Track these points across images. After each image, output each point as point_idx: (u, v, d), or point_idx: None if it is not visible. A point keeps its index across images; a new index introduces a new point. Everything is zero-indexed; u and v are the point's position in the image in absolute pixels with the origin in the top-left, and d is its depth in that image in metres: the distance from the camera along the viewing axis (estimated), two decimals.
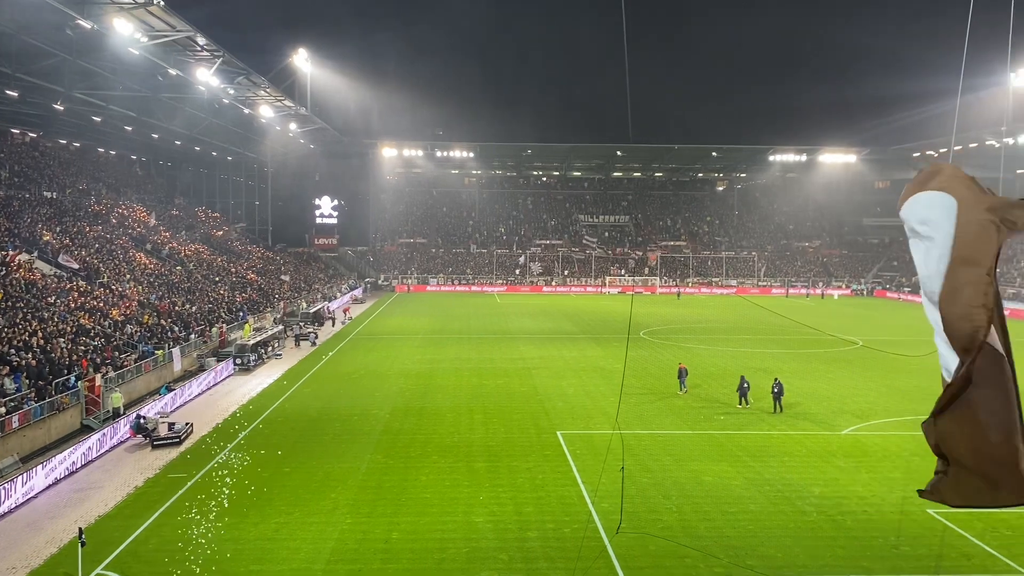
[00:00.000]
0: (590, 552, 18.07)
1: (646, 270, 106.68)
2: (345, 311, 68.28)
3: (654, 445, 27.46)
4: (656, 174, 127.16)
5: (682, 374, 36.70)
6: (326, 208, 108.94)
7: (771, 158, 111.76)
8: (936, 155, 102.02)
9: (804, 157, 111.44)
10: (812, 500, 21.96)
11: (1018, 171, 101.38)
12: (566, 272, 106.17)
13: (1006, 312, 5.30)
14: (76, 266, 46.30)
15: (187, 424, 29.09)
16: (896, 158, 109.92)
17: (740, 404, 33.45)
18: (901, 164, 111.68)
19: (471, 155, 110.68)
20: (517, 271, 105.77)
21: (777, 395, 32.55)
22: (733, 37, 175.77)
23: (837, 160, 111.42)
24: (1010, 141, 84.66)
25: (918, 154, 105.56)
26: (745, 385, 33.67)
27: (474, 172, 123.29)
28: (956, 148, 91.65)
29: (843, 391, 37.14)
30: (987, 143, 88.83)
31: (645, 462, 25.34)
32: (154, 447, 27.20)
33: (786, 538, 19.23)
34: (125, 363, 35.18)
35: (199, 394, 36.41)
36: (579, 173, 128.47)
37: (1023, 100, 75.22)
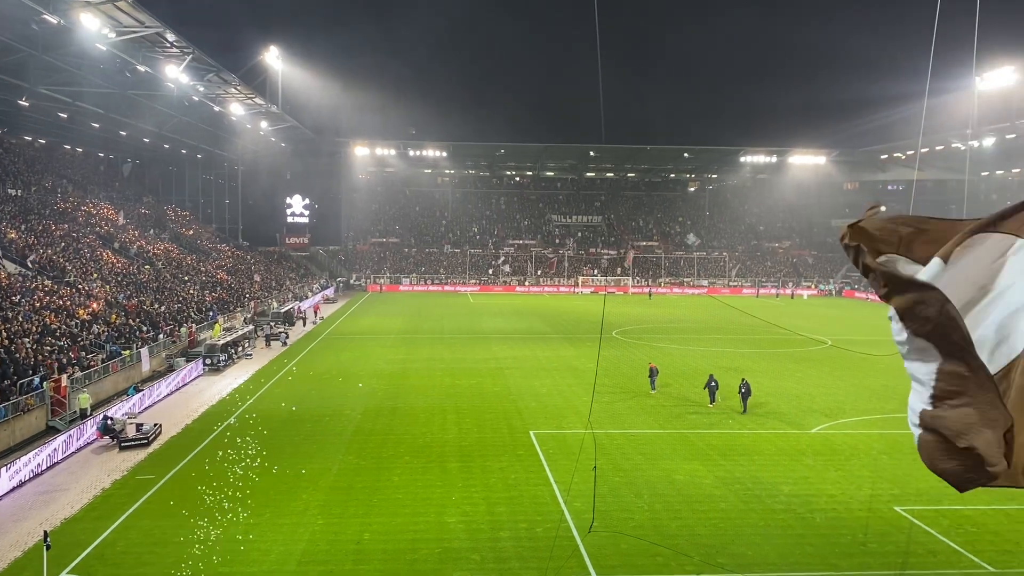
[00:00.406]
0: (562, 552, 18.11)
1: (619, 270, 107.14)
2: (316, 309, 67.82)
3: (626, 444, 27.58)
4: (629, 175, 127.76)
5: (653, 373, 36.89)
6: (297, 207, 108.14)
7: (742, 159, 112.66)
8: (903, 157, 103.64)
9: (774, 158, 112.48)
10: (782, 498, 22.18)
11: (983, 173, 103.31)
12: (539, 272, 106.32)
13: None
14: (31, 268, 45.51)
15: (156, 425, 28.72)
16: (865, 160, 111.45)
17: (711, 403, 33.77)
18: (869, 166, 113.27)
19: (444, 155, 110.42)
20: (490, 271, 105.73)
21: (744, 395, 32.76)
22: (706, 40, 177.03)
23: (807, 162, 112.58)
24: (975, 144, 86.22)
25: (886, 156, 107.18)
26: (713, 383, 33.98)
27: (447, 172, 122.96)
28: (923, 150, 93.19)
29: (812, 390, 37.55)
30: (953, 146, 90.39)
31: (617, 461, 25.44)
32: (122, 448, 26.83)
33: (756, 536, 19.40)
34: (92, 363, 34.68)
35: (168, 394, 35.98)
36: (552, 173, 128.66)
37: (988, 104, 76.55)
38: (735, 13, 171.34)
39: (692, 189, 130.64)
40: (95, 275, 49.33)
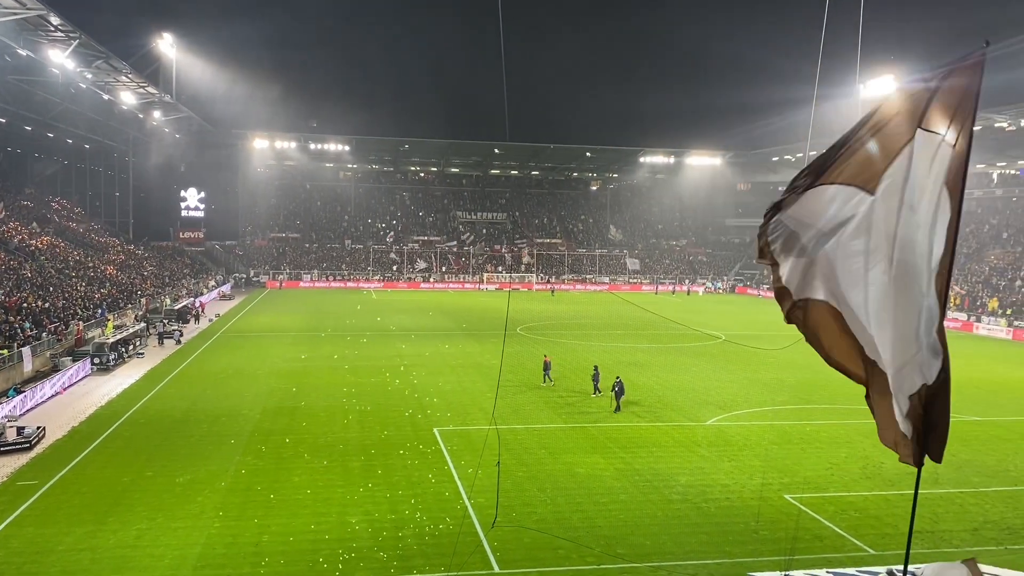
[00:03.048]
0: (466, 547, 18.17)
1: (523, 267, 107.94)
2: (201, 306, 64.99)
3: (530, 439, 27.86)
4: (533, 173, 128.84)
5: (547, 367, 37.57)
6: (192, 200, 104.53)
7: (642, 160, 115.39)
8: (793, 159, 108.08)
9: (672, 159, 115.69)
10: (679, 489, 22.86)
11: None
12: (444, 268, 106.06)
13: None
14: None
15: (39, 428, 27.29)
16: (757, 161, 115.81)
17: (594, 393, 34.77)
18: (761, 167, 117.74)
19: (346, 149, 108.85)
20: (394, 268, 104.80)
21: (618, 393, 32.45)
22: (608, 41, 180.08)
23: (703, 163, 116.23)
24: None
25: (777, 158, 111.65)
26: (595, 375, 35.19)
27: (350, 166, 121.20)
28: (811, 153, 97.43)
29: (707, 383, 38.79)
30: None
31: (521, 456, 25.68)
32: (0, 453, 25.39)
33: (654, 526, 19.93)
34: None
35: (52, 396, 34.21)
36: (457, 170, 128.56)
37: (870, 109, 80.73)
38: (636, 16, 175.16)
39: (594, 188, 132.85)
40: None
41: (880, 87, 74.05)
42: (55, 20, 44.97)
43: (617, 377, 33.58)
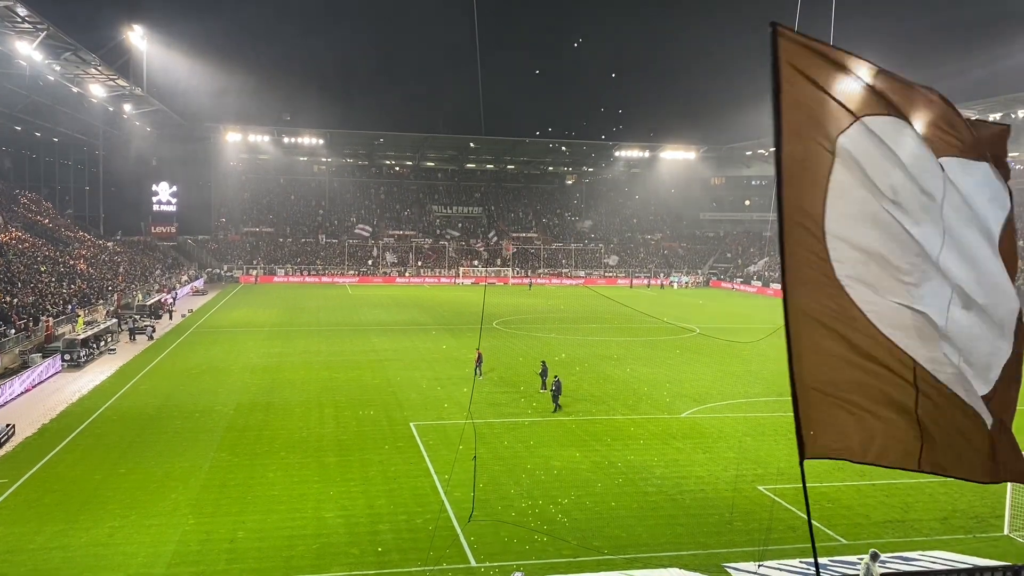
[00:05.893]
0: (442, 542, 18.18)
1: (499, 261, 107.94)
2: (162, 304, 63.86)
3: (506, 433, 27.91)
4: (508, 166, 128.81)
5: (479, 361, 37.40)
6: (164, 195, 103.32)
7: (617, 154, 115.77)
8: (766, 153, 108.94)
9: (647, 154, 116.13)
10: (654, 481, 23.00)
11: None
12: (420, 263, 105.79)
13: None
14: None
15: (8, 426, 26.91)
16: (730, 155, 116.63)
17: (542, 389, 34.49)
18: (735, 161, 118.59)
19: (321, 142, 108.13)
20: (370, 262, 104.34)
21: (555, 392, 31.69)
22: (583, 35, 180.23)
23: (678, 157, 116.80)
24: None
25: (750, 152, 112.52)
26: (543, 370, 34.91)
27: (324, 160, 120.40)
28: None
29: (682, 376, 39.05)
30: None
31: (497, 450, 25.72)
32: None
33: (630, 518, 20.06)
34: None
35: (22, 393, 33.71)
36: (433, 164, 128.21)
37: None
38: (611, 10, 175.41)
39: (570, 182, 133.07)
40: None
41: None
42: (22, 11, 44.23)
43: (555, 376, 32.77)
